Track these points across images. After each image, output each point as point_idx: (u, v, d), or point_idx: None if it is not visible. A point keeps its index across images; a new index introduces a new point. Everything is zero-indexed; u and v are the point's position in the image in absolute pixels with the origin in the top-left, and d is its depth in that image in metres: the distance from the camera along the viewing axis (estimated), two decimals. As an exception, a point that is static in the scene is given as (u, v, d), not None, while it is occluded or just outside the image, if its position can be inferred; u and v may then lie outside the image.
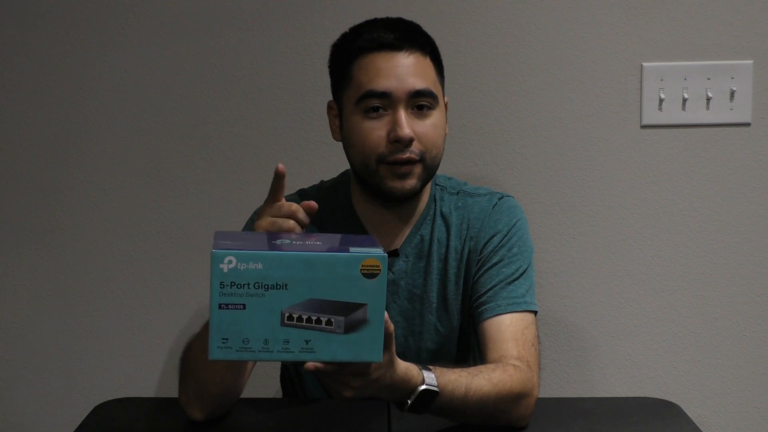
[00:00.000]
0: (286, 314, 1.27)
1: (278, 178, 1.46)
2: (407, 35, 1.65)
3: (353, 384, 1.35)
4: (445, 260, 1.75)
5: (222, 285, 1.25)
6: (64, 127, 2.24)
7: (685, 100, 2.19)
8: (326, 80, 2.16)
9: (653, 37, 2.18)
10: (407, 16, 1.76)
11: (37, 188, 2.26)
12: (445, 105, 1.72)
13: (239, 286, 1.26)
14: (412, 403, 1.45)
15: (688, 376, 2.28)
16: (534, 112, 2.21)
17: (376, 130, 1.63)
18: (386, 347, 1.33)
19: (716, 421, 2.29)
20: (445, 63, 1.77)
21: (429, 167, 1.67)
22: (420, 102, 1.64)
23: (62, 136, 2.24)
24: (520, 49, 2.20)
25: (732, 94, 2.18)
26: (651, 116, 2.20)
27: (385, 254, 1.27)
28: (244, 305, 1.26)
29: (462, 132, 2.20)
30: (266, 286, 1.26)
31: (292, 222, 1.43)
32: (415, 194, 1.69)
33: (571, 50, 2.19)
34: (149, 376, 2.29)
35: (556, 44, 2.19)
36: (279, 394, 2.03)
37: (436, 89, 1.66)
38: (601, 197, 2.24)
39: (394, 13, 1.76)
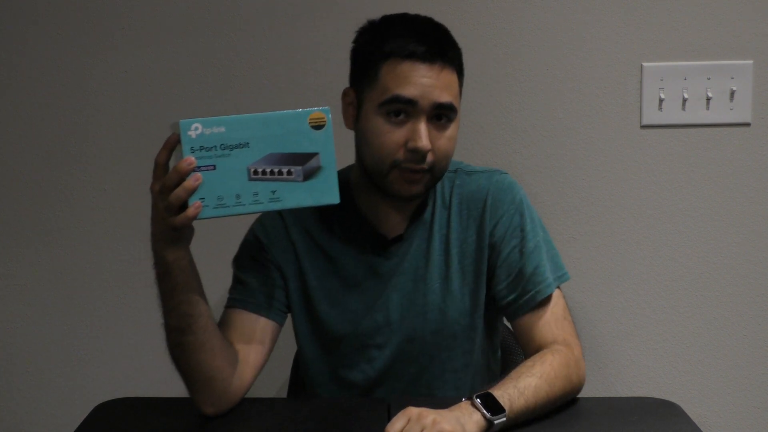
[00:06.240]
0: (252, 169, 1.45)
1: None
2: (439, 49, 1.66)
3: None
4: (447, 241, 1.76)
5: (192, 150, 1.43)
6: (64, 127, 2.24)
7: (685, 100, 2.19)
8: (327, 81, 2.16)
9: (653, 37, 2.18)
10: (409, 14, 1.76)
11: (38, 188, 2.26)
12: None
13: (207, 149, 1.43)
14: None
15: (688, 376, 2.28)
16: (534, 112, 2.21)
17: (394, 135, 1.64)
18: None
19: (716, 421, 2.29)
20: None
21: (436, 176, 1.70)
22: (440, 113, 1.65)
23: (62, 136, 2.24)
24: (521, 49, 2.20)
25: (732, 94, 2.18)
26: (651, 116, 2.20)
27: (328, 107, 1.46)
28: (214, 166, 1.44)
29: (462, 132, 2.18)
30: (230, 147, 1.44)
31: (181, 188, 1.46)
32: (418, 197, 1.71)
33: (571, 50, 2.19)
34: (149, 376, 2.28)
35: (556, 44, 2.19)
36: (282, 394, 2.03)
37: (456, 103, 1.68)
38: (601, 197, 2.24)
39: (396, 11, 1.75)
